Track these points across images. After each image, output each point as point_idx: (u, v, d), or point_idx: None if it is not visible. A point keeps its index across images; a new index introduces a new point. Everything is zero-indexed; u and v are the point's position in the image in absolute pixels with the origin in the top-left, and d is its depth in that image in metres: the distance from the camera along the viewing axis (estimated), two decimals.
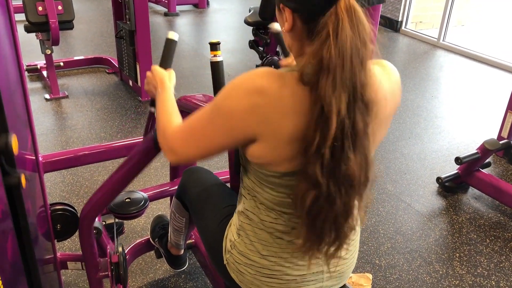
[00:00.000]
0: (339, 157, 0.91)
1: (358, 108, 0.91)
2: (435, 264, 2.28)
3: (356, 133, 0.91)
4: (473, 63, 5.28)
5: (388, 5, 6.31)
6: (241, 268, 1.17)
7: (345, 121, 0.89)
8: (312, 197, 0.94)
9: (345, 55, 0.88)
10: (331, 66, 0.87)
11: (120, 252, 1.70)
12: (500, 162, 3.23)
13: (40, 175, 1.52)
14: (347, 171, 0.93)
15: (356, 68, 0.89)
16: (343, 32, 0.87)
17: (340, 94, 0.88)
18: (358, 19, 0.89)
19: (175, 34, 1.40)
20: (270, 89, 0.93)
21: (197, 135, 1.05)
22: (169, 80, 1.31)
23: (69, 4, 3.54)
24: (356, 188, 0.96)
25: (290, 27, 0.98)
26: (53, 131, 3.41)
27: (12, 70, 1.23)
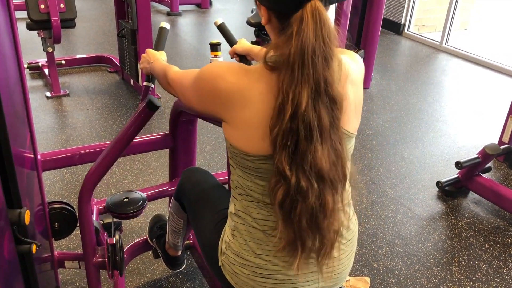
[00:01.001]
0: (305, 149, 0.96)
1: (323, 103, 0.97)
2: (434, 269, 2.28)
3: (322, 125, 0.97)
4: (476, 67, 5.27)
5: (391, 8, 6.31)
6: (236, 269, 1.17)
7: (309, 114, 0.95)
8: (283, 190, 0.98)
9: (305, 53, 0.94)
10: (290, 62, 0.95)
11: (117, 239, 1.70)
12: (501, 167, 3.22)
13: (38, 173, 1.51)
14: (315, 162, 0.97)
15: (319, 65, 0.96)
16: (304, 33, 0.95)
17: (300, 89, 0.95)
18: (322, 21, 0.96)
19: (166, 24, 1.63)
20: (231, 76, 1.04)
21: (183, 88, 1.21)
22: (160, 56, 1.50)
23: (71, 2, 3.54)
24: (328, 182, 1.00)
25: (266, 21, 1.07)
26: (53, 129, 3.41)
27: (12, 68, 1.22)
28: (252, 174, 1.09)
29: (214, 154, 3.18)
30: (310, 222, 1.01)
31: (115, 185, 2.76)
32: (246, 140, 1.05)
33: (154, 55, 1.51)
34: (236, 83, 1.03)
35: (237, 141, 1.07)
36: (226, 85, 1.04)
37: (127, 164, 2.97)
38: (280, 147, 0.96)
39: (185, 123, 1.98)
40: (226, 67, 1.06)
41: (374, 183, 2.95)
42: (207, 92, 1.08)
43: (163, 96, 4.01)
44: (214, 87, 1.06)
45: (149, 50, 1.54)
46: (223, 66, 1.07)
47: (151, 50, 1.54)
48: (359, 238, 2.44)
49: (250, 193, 1.12)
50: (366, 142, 3.46)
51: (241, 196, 1.15)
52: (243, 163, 1.09)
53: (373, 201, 2.76)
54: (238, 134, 1.06)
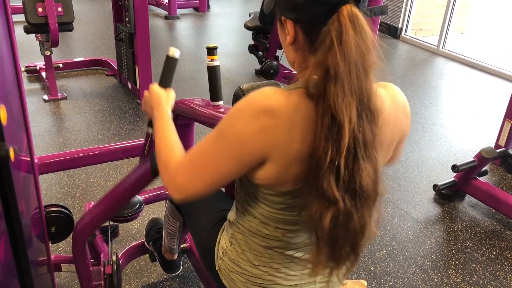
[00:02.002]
0: (352, 168, 0.88)
1: (366, 117, 0.88)
2: (430, 272, 2.28)
3: (366, 142, 0.88)
4: (472, 71, 5.29)
5: (388, 12, 6.32)
6: (233, 276, 1.16)
7: (356, 129, 0.86)
8: (331, 215, 0.89)
9: (351, 61, 0.85)
10: (338, 73, 0.85)
11: (114, 261, 1.70)
12: (497, 171, 3.23)
13: (35, 177, 1.51)
14: (362, 182, 0.89)
15: (362, 75, 0.87)
16: (348, 38, 0.85)
17: (349, 102, 0.85)
18: (361, 26, 0.87)
19: (176, 51, 1.30)
20: (279, 108, 0.89)
21: (203, 167, 0.98)
22: (166, 102, 1.23)
23: (69, 6, 3.54)
24: (368, 201, 0.93)
25: (292, 39, 0.96)
26: (50, 132, 3.41)
27: (9, 71, 1.23)
28: (260, 201, 1.05)
29: None
30: (352, 243, 0.95)
31: None
32: (284, 176, 0.95)
33: (158, 102, 1.22)
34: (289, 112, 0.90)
35: (271, 179, 0.96)
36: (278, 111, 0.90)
37: (125, 168, 2.97)
38: (328, 170, 0.87)
39: (182, 127, 1.98)
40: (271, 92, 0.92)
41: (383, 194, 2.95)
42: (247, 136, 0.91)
43: None
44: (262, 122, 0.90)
45: (153, 89, 1.26)
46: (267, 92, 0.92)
47: (155, 89, 1.26)
48: None
49: (253, 212, 1.08)
50: None
51: (243, 209, 1.12)
52: (263, 196, 1.03)
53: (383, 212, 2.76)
54: (276, 172, 0.94)
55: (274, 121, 0.89)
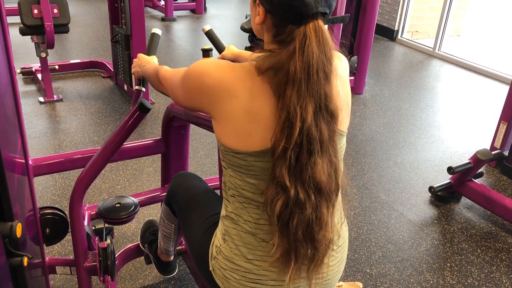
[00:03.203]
0: (305, 161, 0.98)
1: (323, 117, 1.00)
2: (426, 274, 2.28)
3: (323, 139, 1.00)
4: (468, 73, 5.30)
5: (384, 14, 6.35)
6: (227, 274, 1.16)
7: (311, 128, 0.98)
8: (282, 201, 1.00)
9: (310, 69, 0.97)
10: (296, 79, 0.97)
11: (108, 243, 1.70)
12: (493, 172, 3.24)
13: (29, 179, 1.50)
14: (314, 174, 0.99)
15: (321, 81, 0.98)
16: (309, 50, 0.97)
17: (306, 104, 0.97)
18: (324, 38, 0.99)
19: (158, 30, 1.67)
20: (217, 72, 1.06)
21: (172, 86, 1.24)
22: (152, 60, 1.55)
23: (65, 8, 3.53)
24: (325, 194, 1.02)
25: (260, 20, 1.07)
26: (46, 134, 3.40)
27: (3, 73, 1.22)
28: (244, 173, 1.09)
29: (208, 159, 3.18)
30: (306, 233, 1.03)
31: (107, 191, 2.76)
32: (234, 135, 1.06)
33: (145, 59, 1.55)
34: (221, 78, 1.05)
35: (226, 138, 1.08)
36: (212, 81, 1.06)
37: (120, 170, 2.97)
38: (281, 159, 0.98)
39: (177, 129, 1.99)
40: (212, 64, 1.09)
41: (367, 188, 2.95)
42: (194, 89, 1.10)
43: (157, 102, 4.01)
44: (200, 83, 1.08)
45: (141, 55, 1.58)
46: (209, 62, 1.10)
47: (142, 55, 1.58)
48: (351, 243, 2.45)
49: (242, 192, 1.11)
50: (359, 147, 3.47)
51: (233, 198, 1.15)
52: (234, 162, 1.09)
53: (365, 206, 2.77)
54: (226, 130, 1.07)
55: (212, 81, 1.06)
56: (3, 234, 1.07)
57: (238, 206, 1.14)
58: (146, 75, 1.48)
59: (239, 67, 1.07)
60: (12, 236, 1.08)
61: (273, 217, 1.01)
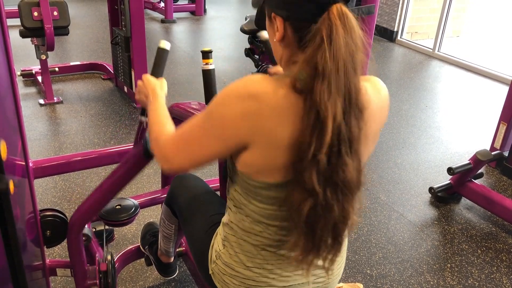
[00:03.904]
0: (335, 163, 0.90)
1: (353, 113, 0.90)
2: (426, 275, 2.28)
3: (352, 138, 0.91)
4: (468, 73, 5.31)
5: (384, 15, 6.35)
6: (226, 279, 1.16)
7: (342, 126, 0.88)
8: (309, 206, 0.92)
9: (340, 60, 0.87)
10: (326, 71, 0.87)
11: (109, 260, 1.69)
12: (493, 173, 3.24)
13: (30, 181, 1.50)
14: (345, 176, 0.91)
15: (350, 73, 0.89)
16: (337, 37, 0.87)
17: (335, 100, 0.87)
18: (350, 25, 0.89)
19: (166, 43, 1.38)
20: (264, 94, 0.91)
21: (189, 142, 1.03)
22: (160, 89, 1.29)
23: (64, 10, 3.54)
24: (351, 193, 0.95)
25: (281, 36, 0.97)
26: (46, 136, 3.40)
27: (3, 75, 1.22)
28: (252, 196, 1.05)
29: None
30: (332, 233, 0.97)
31: None
32: (268, 164, 0.97)
33: (153, 89, 1.28)
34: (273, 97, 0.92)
35: (256, 166, 0.98)
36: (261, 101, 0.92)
37: None
38: (310, 164, 0.89)
39: None
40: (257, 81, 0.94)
41: (367, 189, 2.95)
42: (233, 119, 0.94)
43: None
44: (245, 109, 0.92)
45: (147, 78, 1.33)
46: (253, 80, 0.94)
47: (149, 78, 1.33)
48: (352, 245, 2.45)
49: (245, 210, 1.09)
50: None
51: (235, 208, 1.12)
52: (244, 185, 1.05)
53: (366, 207, 2.77)
54: (259, 158, 0.97)
55: (259, 106, 0.91)
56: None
57: (239, 218, 1.12)
58: (148, 117, 1.23)
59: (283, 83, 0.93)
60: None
61: (300, 222, 0.94)
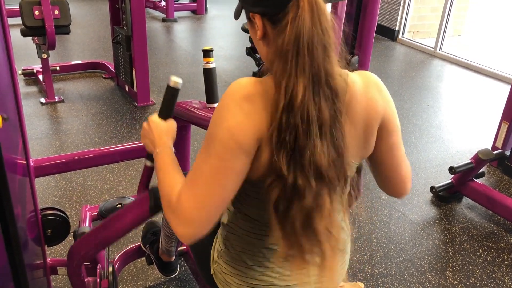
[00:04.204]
0: (303, 144, 0.88)
1: (323, 94, 0.89)
2: (428, 274, 2.28)
3: (322, 118, 0.89)
4: (469, 73, 5.30)
5: (385, 14, 6.35)
6: (228, 278, 1.16)
7: (309, 106, 0.87)
8: (278, 189, 0.90)
9: (301, 41, 0.87)
10: (283, 51, 0.88)
11: (110, 272, 1.69)
12: (494, 172, 3.24)
13: (31, 180, 1.51)
14: (313, 158, 0.88)
15: (317, 54, 0.88)
16: (302, 20, 0.87)
17: (295, 80, 0.87)
18: (319, 9, 0.89)
19: (178, 81, 1.21)
20: (256, 94, 0.91)
21: (207, 184, 0.93)
22: (167, 135, 1.17)
23: (66, 9, 3.54)
24: (326, 180, 0.91)
25: (262, 33, 0.97)
26: (47, 135, 3.40)
27: (4, 74, 1.22)
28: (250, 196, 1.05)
29: None
30: (306, 223, 0.93)
31: (109, 191, 2.76)
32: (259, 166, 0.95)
33: (159, 136, 1.16)
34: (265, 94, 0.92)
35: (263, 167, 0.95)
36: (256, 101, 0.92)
37: (121, 170, 2.97)
38: (277, 144, 0.88)
39: (178, 129, 1.97)
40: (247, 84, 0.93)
41: (368, 188, 2.95)
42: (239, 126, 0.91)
43: (158, 102, 4.01)
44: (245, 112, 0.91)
45: (153, 121, 1.20)
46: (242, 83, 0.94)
47: (155, 121, 1.19)
48: (353, 244, 2.44)
49: (243, 209, 1.09)
50: None
51: (234, 209, 1.13)
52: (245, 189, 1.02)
53: (367, 207, 2.77)
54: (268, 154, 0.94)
55: (254, 105, 0.91)
56: None
57: (239, 217, 1.12)
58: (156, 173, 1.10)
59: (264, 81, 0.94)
60: None
61: (269, 206, 0.92)
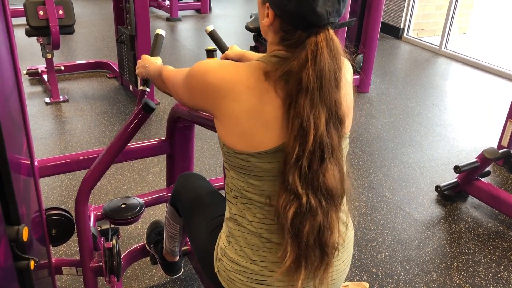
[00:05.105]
0: (317, 168, 1.00)
1: (333, 124, 1.02)
2: (433, 274, 2.27)
3: (333, 145, 1.01)
4: (474, 71, 5.27)
5: (390, 12, 6.32)
6: (232, 276, 1.16)
7: (324, 135, 0.99)
8: (294, 208, 1.00)
9: (323, 79, 0.98)
10: (309, 88, 0.97)
11: (114, 244, 1.70)
12: (500, 171, 3.22)
13: (35, 180, 1.51)
14: (326, 181, 1.01)
15: (332, 89, 1.00)
16: (322, 59, 0.98)
17: (318, 112, 0.98)
18: (335, 47, 1.00)
19: (162, 31, 1.67)
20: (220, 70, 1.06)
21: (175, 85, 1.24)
22: (156, 61, 1.55)
23: (70, 9, 3.55)
24: (335, 199, 1.04)
25: (269, 23, 1.05)
26: (52, 135, 3.41)
27: (8, 74, 1.23)
28: (246, 174, 1.09)
29: (213, 159, 3.18)
30: (317, 239, 1.03)
31: (113, 191, 2.76)
32: (238, 136, 1.06)
33: (149, 60, 1.55)
34: (224, 77, 1.05)
35: (228, 139, 1.08)
36: (215, 80, 1.06)
37: (126, 170, 2.97)
38: (294, 167, 0.99)
39: (182, 129, 1.99)
40: (215, 63, 1.09)
41: (373, 187, 2.94)
42: (197, 88, 1.10)
43: (162, 102, 4.01)
44: (203, 82, 1.08)
45: (145, 56, 1.58)
46: (212, 62, 1.10)
47: (146, 56, 1.59)
48: (358, 243, 2.44)
49: (245, 194, 1.11)
50: (365, 146, 3.46)
51: (236, 199, 1.15)
52: (236, 163, 1.09)
53: (372, 206, 2.76)
54: (228, 130, 1.07)
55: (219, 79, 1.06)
56: (10, 238, 1.07)
57: (241, 208, 1.13)
58: (149, 75, 1.48)
59: (244, 67, 1.07)
60: (19, 240, 1.08)
61: (286, 224, 1.01)
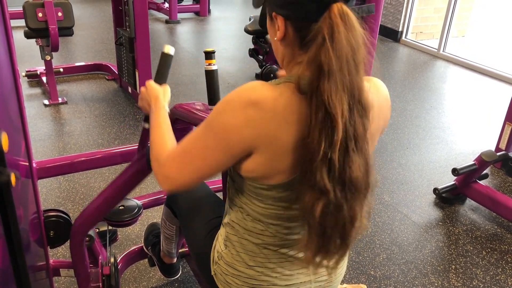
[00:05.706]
0: (343, 161, 0.90)
1: (358, 111, 0.91)
2: (431, 276, 2.27)
3: (357, 135, 0.91)
4: (473, 74, 5.28)
5: (388, 15, 6.33)
6: (228, 279, 1.16)
7: (347, 123, 0.89)
8: (322, 205, 0.92)
9: (343, 58, 0.87)
10: (331, 69, 0.87)
11: (112, 263, 1.70)
12: (498, 174, 3.22)
13: (33, 181, 1.51)
14: (352, 174, 0.91)
15: (352, 71, 0.89)
16: (339, 36, 0.87)
17: (341, 97, 0.87)
18: (351, 23, 0.89)
19: (171, 48, 1.34)
20: (265, 101, 0.92)
21: (192, 157, 1.01)
22: (163, 97, 1.26)
23: (69, 11, 3.55)
24: (359, 193, 0.95)
25: (282, 35, 0.97)
26: (50, 137, 3.41)
27: (7, 76, 1.23)
28: (253, 197, 1.06)
29: None
30: (340, 233, 0.97)
31: None
32: (272, 168, 0.97)
33: (155, 97, 1.24)
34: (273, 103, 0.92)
35: (259, 171, 0.98)
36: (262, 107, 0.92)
37: None
38: (321, 163, 0.89)
39: (180, 131, 1.97)
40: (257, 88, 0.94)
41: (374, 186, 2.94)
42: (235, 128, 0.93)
43: None
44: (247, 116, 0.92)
45: (150, 85, 1.28)
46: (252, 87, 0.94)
47: (152, 85, 1.28)
48: (356, 245, 2.44)
49: (246, 209, 1.09)
50: None
51: (236, 207, 1.13)
52: (247, 187, 1.05)
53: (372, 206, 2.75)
54: (263, 164, 0.97)
55: (260, 113, 0.92)
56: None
57: (241, 217, 1.12)
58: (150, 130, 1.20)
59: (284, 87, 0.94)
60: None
61: (315, 223, 0.93)
